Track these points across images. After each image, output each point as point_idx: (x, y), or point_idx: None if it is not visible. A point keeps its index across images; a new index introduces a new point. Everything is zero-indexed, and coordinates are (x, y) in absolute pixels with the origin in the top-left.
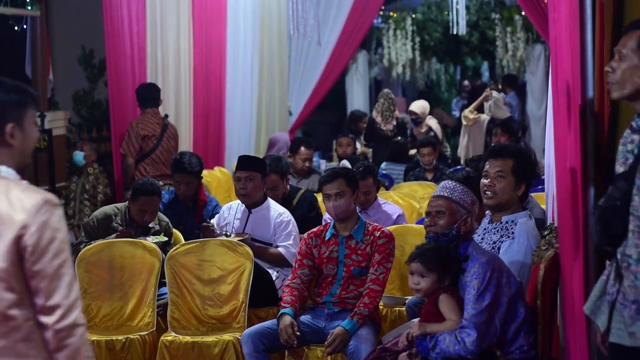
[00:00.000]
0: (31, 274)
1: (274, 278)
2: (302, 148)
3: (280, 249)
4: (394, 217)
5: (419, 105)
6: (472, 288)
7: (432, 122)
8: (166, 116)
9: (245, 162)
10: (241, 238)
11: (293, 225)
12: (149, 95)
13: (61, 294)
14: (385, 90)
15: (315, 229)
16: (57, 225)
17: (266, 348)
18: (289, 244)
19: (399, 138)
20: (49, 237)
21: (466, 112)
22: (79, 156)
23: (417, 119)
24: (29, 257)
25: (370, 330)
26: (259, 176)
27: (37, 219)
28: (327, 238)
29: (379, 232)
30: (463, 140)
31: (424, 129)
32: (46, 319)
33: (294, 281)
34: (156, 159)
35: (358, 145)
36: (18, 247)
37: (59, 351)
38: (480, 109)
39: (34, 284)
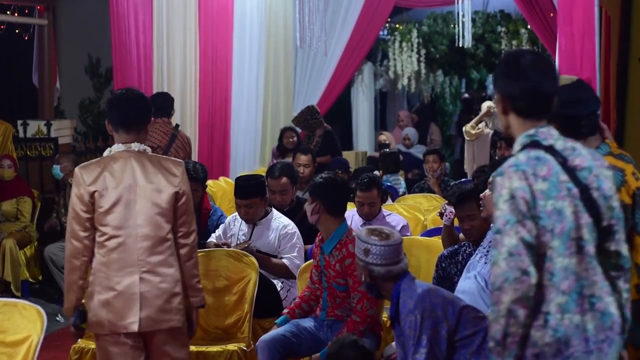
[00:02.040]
0: (180, 213)
1: (278, 289)
2: (299, 154)
3: (284, 260)
4: (398, 228)
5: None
6: (409, 337)
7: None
8: (177, 126)
9: (243, 191)
10: (244, 246)
11: (298, 238)
12: (161, 104)
13: (194, 225)
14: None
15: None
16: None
17: (281, 356)
18: (293, 255)
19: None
20: (189, 192)
21: (467, 127)
22: (56, 170)
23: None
24: (181, 204)
25: (366, 344)
26: (257, 200)
27: (184, 179)
28: (318, 245)
29: (345, 251)
30: (468, 155)
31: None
32: (186, 240)
33: (305, 292)
34: None
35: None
36: (176, 197)
37: (188, 261)
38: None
39: (181, 219)
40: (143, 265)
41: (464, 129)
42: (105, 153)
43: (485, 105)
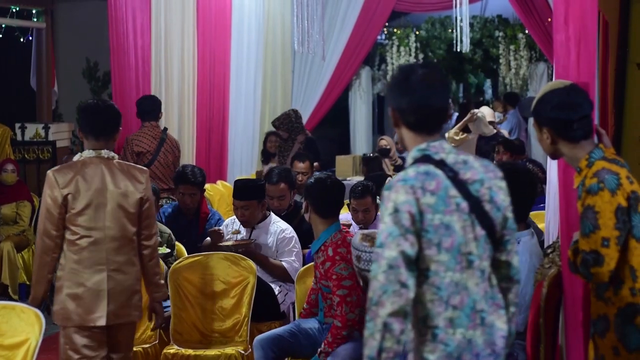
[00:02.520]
0: (144, 217)
1: (276, 293)
2: (296, 162)
3: (283, 263)
4: None
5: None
6: None
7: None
8: (165, 129)
9: (241, 193)
10: (245, 243)
11: (296, 242)
12: (148, 108)
13: (155, 228)
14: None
15: None
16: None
17: (276, 356)
18: (291, 259)
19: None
20: (152, 198)
21: (451, 133)
22: None
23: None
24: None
25: (352, 343)
26: (255, 202)
27: (148, 186)
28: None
29: (325, 254)
30: None
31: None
32: (148, 242)
33: (311, 296)
34: (152, 175)
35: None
36: (141, 202)
37: (151, 260)
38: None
39: (145, 222)
40: (111, 263)
41: (446, 135)
42: (76, 158)
43: (483, 109)
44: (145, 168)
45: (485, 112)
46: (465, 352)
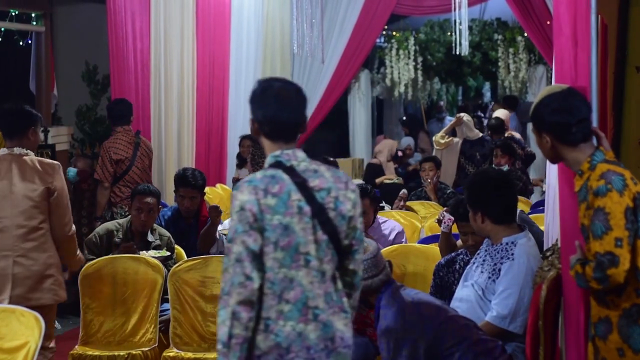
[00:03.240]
0: (53, 207)
1: None
2: None
3: None
4: (392, 234)
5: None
6: (383, 357)
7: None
8: (138, 132)
9: None
10: None
11: None
12: (120, 112)
13: (67, 217)
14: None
15: None
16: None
17: None
18: None
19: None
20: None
21: (437, 137)
22: (72, 172)
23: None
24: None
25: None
26: None
27: (57, 178)
28: None
29: None
30: None
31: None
32: (61, 230)
33: None
34: (130, 180)
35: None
36: (48, 192)
37: (67, 244)
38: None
39: (56, 212)
40: (17, 250)
41: (434, 138)
42: None
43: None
44: (56, 162)
45: (500, 114)
46: (294, 344)
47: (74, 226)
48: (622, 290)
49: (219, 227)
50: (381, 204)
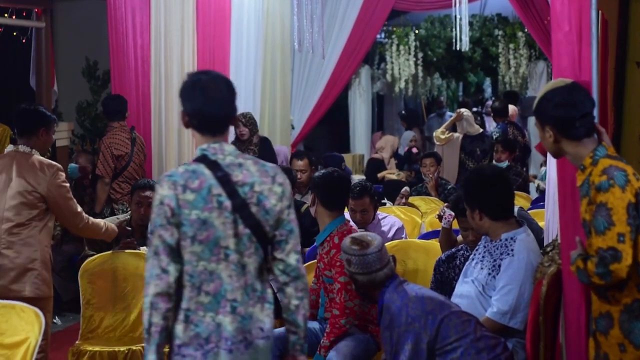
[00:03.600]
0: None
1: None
2: (295, 160)
3: None
4: (392, 230)
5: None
6: (386, 351)
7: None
8: (133, 128)
9: None
10: None
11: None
12: (116, 107)
13: (74, 209)
14: None
15: None
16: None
17: (281, 353)
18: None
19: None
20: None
21: (437, 132)
22: (73, 168)
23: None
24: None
25: (352, 342)
26: None
27: (52, 181)
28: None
29: (331, 242)
30: None
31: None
32: (70, 223)
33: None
34: (129, 176)
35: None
36: (47, 193)
37: (84, 232)
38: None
39: (55, 210)
40: (2, 242)
41: (434, 134)
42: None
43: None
44: (56, 165)
45: (509, 109)
46: (213, 335)
47: (84, 215)
48: (624, 285)
49: None
50: (383, 200)
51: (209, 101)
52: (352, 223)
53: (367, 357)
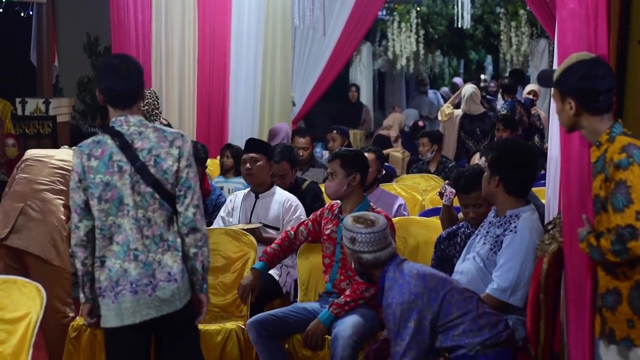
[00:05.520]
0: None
1: (277, 278)
2: (297, 137)
3: None
4: (394, 207)
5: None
6: (389, 329)
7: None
8: None
9: (250, 145)
10: (253, 227)
11: (302, 210)
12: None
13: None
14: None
15: (335, 203)
16: None
17: (269, 334)
18: None
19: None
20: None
21: (443, 107)
22: None
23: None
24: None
25: (357, 321)
26: (264, 158)
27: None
28: (333, 216)
29: None
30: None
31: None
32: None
33: (283, 242)
34: None
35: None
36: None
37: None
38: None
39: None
40: (30, 199)
41: (441, 109)
42: None
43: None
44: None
45: (528, 87)
46: (122, 278)
47: None
48: (636, 262)
49: (228, 221)
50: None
51: (118, 80)
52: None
53: (372, 333)
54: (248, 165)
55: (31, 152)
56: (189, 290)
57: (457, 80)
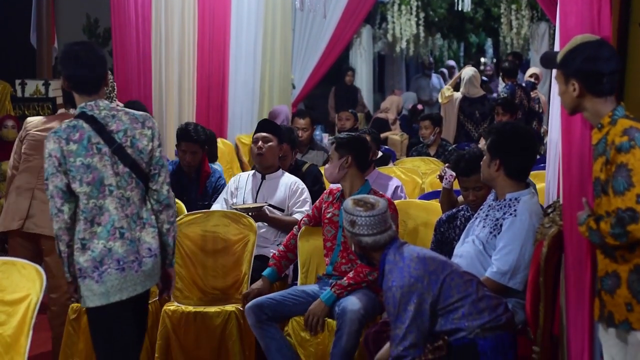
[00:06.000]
0: None
1: None
2: (296, 118)
3: (296, 216)
4: (391, 189)
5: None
6: (388, 312)
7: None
8: None
9: (264, 125)
10: (259, 206)
11: (307, 193)
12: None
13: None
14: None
15: (335, 187)
16: None
17: (268, 317)
18: (305, 209)
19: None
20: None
21: (443, 89)
22: None
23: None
24: None
25: (362, 298)
26: (275, 139)
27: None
28: (335, 200)
29: None
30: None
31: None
32: None
33: (288, 242)
34: None
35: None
36: None
37: None
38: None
39: None
40: (37, 185)
41: (441, 91)
42: None
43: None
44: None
45: (530, 70)
46: (106, 257)
47: None
48: (635, 245)
49: (223, 195)
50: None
51: (81, 67)
52: None
53: (374, 315)
54: (260, 144)
55: (32, 124)
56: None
57: (451, 63)
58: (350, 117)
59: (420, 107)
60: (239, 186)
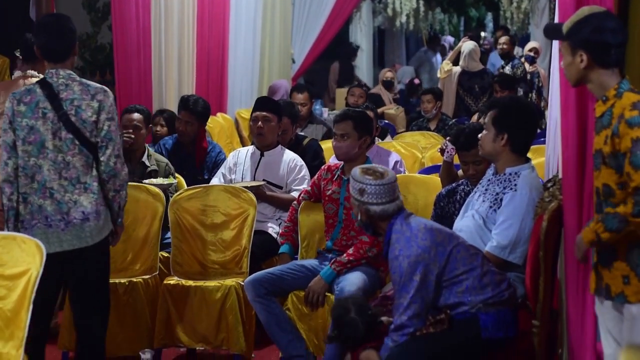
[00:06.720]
0: None
1: (275, 235)
2: (294, 93)
3: (294, 193)
4: (391, 164)
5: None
6: (394, 281)
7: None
8: None
9: (264, 103)
10: (257, 184)
11: (306, 170)
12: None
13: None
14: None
15: (333, 164)
16: None
17: (268, 292)
18: (303, 187)
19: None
20: None
21: (443, 64)
22: None
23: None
24: None
25: (361, 277)
26: (275, 119)
27: None
28: (335, 177)
29: None
30: None
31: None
32: None
33: (292, 216)
34: None
35: None
36: None
37: None
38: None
39: None
40: None
41: (440, 66)
42: None
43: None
44: None
45: (530, 44)
46: (36, 213)
47: None
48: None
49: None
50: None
51: (51, 37)
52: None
53: (373, 291)
54: (260, 124)
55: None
56: (102, 230)
57: (449, 39)
58: (363, 94)
59: (417, 81)
60: (238, 162)
